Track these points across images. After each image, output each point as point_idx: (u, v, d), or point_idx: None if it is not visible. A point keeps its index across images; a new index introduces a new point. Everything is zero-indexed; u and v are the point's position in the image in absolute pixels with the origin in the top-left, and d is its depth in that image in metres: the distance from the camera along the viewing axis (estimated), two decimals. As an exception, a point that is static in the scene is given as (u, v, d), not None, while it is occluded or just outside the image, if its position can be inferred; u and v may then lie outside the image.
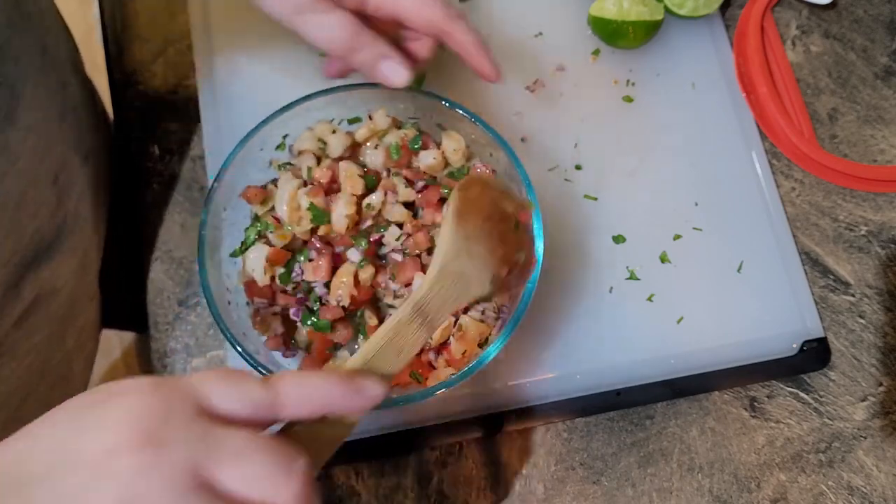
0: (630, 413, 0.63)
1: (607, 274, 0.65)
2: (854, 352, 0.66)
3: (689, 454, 0.63)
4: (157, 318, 0.64)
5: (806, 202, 0.70)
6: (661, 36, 0.73)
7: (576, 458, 0.62)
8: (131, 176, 0.67)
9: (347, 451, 0.60)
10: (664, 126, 0.70)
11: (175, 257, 0.65)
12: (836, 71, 0.74)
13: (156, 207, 0.67)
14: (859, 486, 0.62)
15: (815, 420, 0.64)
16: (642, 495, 0.61)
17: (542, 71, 0.71)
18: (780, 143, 0.71)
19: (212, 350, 0.63)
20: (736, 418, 0.64)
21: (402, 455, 0.61)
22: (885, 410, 0.64)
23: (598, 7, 0.70)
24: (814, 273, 0.68)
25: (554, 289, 0.64)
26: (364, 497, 0.60)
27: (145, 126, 0.68)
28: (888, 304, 0.67)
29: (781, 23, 0.75)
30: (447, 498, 0.60)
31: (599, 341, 0.63)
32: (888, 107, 0.73)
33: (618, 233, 0.66)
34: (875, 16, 0.76)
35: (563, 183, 0.68)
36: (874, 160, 0.71)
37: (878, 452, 0.63)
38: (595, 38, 0.72)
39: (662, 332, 0.64)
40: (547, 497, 0.61)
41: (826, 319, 0.66)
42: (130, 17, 0.71)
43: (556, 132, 0.69)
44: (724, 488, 0.62)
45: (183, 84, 0.70)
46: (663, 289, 0.65)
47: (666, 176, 0.69)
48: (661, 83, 0.71)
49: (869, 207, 0.70)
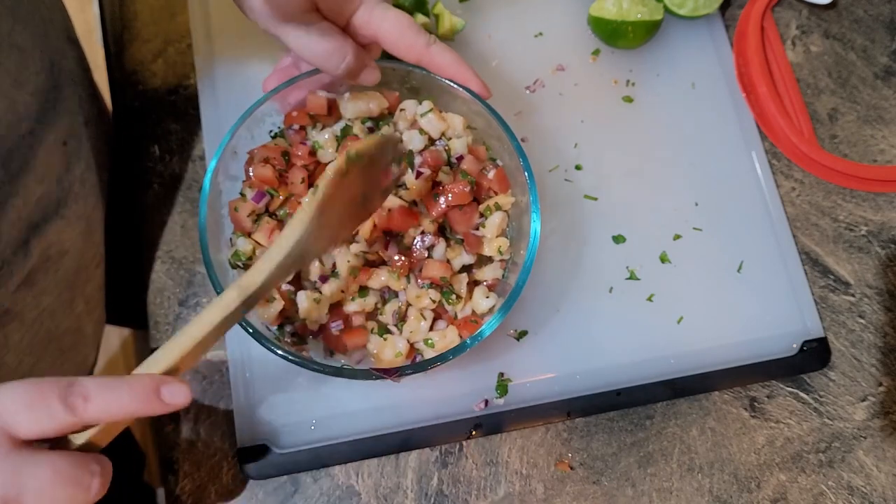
0: (630, 413, 0.63)
1: (607, 274, 0.65)
2: (854, 352, 0.66)
3: (689, 454, 0.63)
4: (157, 317, 0.64)
5: (806, 202, 0.70)
6: (661, 36, 0.73)
7: (576, 458, 0.62)
8: (131, 176, 0.68)
9: (347, 451, 0.60)
10: (664, 126, 0.70)
11: (175, 257, 0.65)
12: (836, 71, 0.74)
13: (156, 208, 0.67)
14: (859, 486, 0.62)
15: (815, 420, 0.64)
16: (642, 495, 0.61)
17: (542, 71, 0.71)
18: (780, 143, 0.71)
19: (211, 350, 0.63)
20: (736, 418, 0.64)
21: (402, 455, 0.61)
22: (885, 410, 0.64)
23: (597, 7, 0.70)
24: (814, 273, 0.68)
25: (554, 289, 0.64)
26: (364, 497, 0.60)
27: (145, 126, 0.68)
28: (888, 304, 0.67)
29: (781, 23, 0.75)
30: (447, 498, 0.60)
31: (599, 341, 0.64)
32: (888, 107, 0.73)
33: (618, 233, 0.66)
34: (875, 16, 0.76)
35: (563, 183, 0.68)
36: (874, 160, 0.71)
37: (878, 452, 0.63)
38: (595, 38, 0.72)
39: (662, 332, 0.64)
40: (547, 497, 0.61)
41: (826, 319, 0.66)
42: (130, 17, 0.71)
43: (556, 132, 0.69)
44: (724, 488, 0.62)
45: (183, 84, 0.70)
46: (663, 289, 0.65)
47: (666, 176, 0.69)
48: (661, 83, 0.71)
49: (869, 207, 0.70)
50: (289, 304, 0.56)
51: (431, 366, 0.53)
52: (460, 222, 0.58)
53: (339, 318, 0.57)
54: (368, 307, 0.57)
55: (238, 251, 0.57)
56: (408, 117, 0.61)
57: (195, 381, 0.62)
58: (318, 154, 0.59)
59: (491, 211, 0.59)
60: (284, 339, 0.57)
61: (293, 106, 0.60)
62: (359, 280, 0.56)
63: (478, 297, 0.57)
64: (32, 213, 0.54)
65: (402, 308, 0.57)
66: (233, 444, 0.60)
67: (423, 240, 0.57)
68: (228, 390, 0.61)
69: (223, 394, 0.62)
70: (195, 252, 0.65)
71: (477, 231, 0.59)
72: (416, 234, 0.57)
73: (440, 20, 0.70)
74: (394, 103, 0.61)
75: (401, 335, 0.57)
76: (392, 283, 0.56)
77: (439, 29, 0.70)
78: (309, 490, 0.60)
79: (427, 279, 0.57)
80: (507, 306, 0.55)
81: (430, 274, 0.57)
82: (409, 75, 0.60)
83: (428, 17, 0.70)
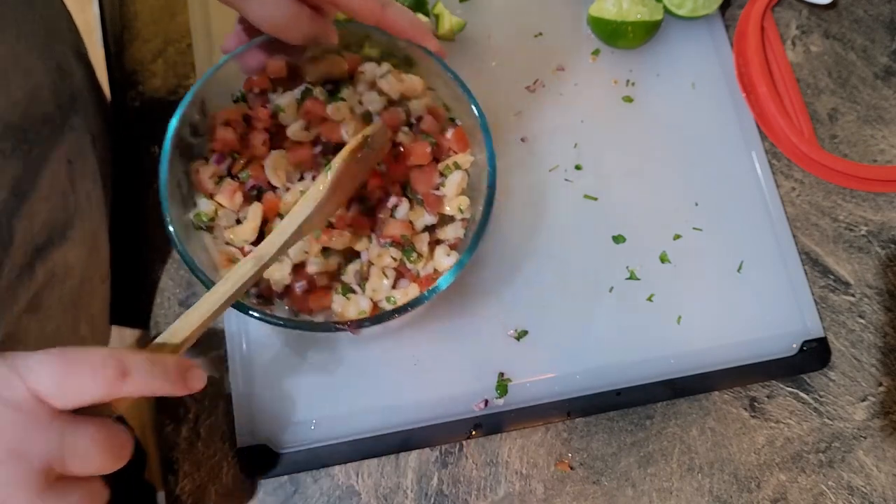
0: (630, 413, 0.63)
1: (607, 274, 0.65)
2: (854, 352, 0.66)
3: (689, 454, 0.63)
4: (157, 318, 0.64)
5: (806, 202, 0.70)
6: (661, 36, 0.73)
7: (576, 458, 0.62)
8: (131, 176, 0.67)
9: (347, 451, 0.60)
10: (664, 126, 0.70)
11: (176, 258, 0.65)
12: (836, 71, 0.74)
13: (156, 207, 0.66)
14: (859, 486, 0.62)
15: (815, 420, 0.64)
16: (642, 495, 0.61)
17: (542, 71, 0.71)
18: (780, 143, 0.71)
19: (212, 350, 0.63)
20: (736, 418, 0.64)
21: (402, 455, 0.61)
22: (885, 410, 0.64)
23: (597, 7, 0.70)
24: (814, 273, 0.68)
25: (554, 288, 0.64)
26: (364, 497, 0.60)
27: (145, 126, 0.68)
28: (888, 304, 0.67)
29: (781, 23, 0.75)
30: (447, 498, 0.60)
31: (599, 341, 0.64)
32: (888, 107, 0.73)
33: (618, 233, 0.66)
34: (875, 16, 0.76)
35: (563, 183, 0.68)
36: (874, 160, 0.71)
37: (878, 452, 0.63)
38: (595, 38, 0.72)
39: (662, 331, 0.64)
40: (547, 497, 0.61)
41: (826, 319, 0.66)
42: (130, 17, 0.71)
43: (556, 132, 0.69)
44: (724, 488, 0.62)
45: (183, 84, 0.70)
46: (663, 289, 0.65)
47: (666, 176, 0.69)
48: (661, 83, 0.71)
49: (869, 207, 0.70)
50: None
51: (389, 318, 0.54)
52: (421, 182, 0.59)
53: (302, 278, 0.57)
54: (331, 267, 0.58)
55: (200, 212, 0.58)
56: (367, 79, 0.61)
57: (195, 381, 0.62)
58: (280, 117, 0.59)
59: (451, 170, 0.59)
60: (251, 301, 0.57)
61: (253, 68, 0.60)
62: (321, 241, 0.57)
63: (439, 256, 0.58)
64: (38, 234, 0.54)
65: (363, 267, 0.58)
66: (233, 444, 0.60)
67: (388, 200, 0.58)
68: (229, 390, 0.61)
69: (223, 394, 0.62)
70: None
71: (437, 191, 0.59)
72: (379, 195, 0.58)
73: (440, 20, 0.70)
74: (354, 66, 0.62)
75: (363, 294, 0.57)
76: (353, 244, 0.57)
77: (439, 29, 0.70)
78: (309, 490, 0.60)
79: (388, 238, 0.58)
80: (462, 262, 0.56)
81: (391, 233, 0.57)
82: (369, 37, 0.61)
83: (428, 17, 0.70)
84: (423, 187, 0.59)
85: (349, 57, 0.62)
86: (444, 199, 0.59)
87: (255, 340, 0.62)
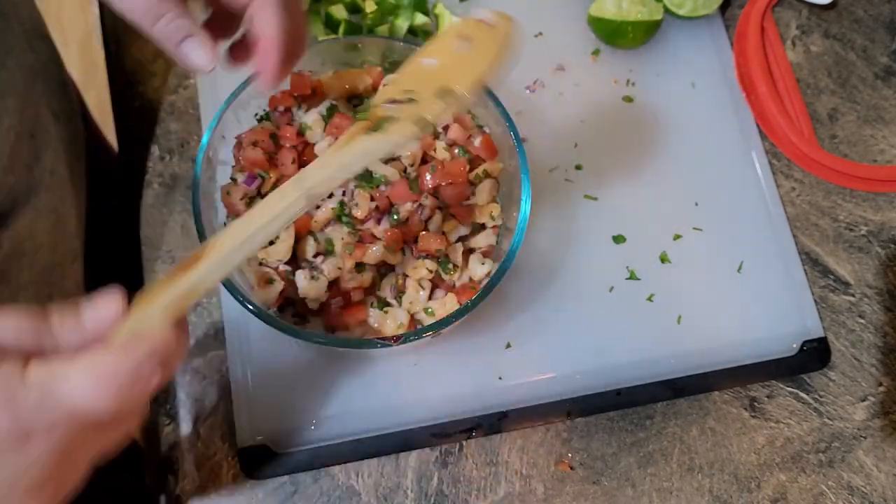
0: (630, 413, 0.63)
1: (607, 274, 0.65)
2: (854, 352, 0.66)
3: (689, 454, 0.63)
4: (157, 318, 0.64)
5: (806, 202, 0.70)
6: (661, 36, 0.73)
7: (576, 458, 0.62)
8: (131, 176, 0.67)
9: (347, 451, 0.60)
10: (664, 126, 0.70)
11: (175, 258, 0.65)
12: (836, 71, 0.74)
13: (156, 208, 0.67)
14: (859, 486, 0.62)
15: (815, 420, 0.64)
16: (642, 495, 0.61)
17: (542, 71, 0.71)
18: (780, 143, 0.71)
19: (212, 350, 0.63)
20: (736, 418, 0.64)
21: (402, 455, 0.61)
22: (885, 410, 0.64)
23: (597, 7, 0.70)
24: (814, 273, 0.68)
25: (554, 288, 0.64)
26: (364, 497, 0.60)
27: (145, 126, 0.68)
28: (888, 304, 0.67)
29: (781, 23, 0.75)
30: (447, 498, 0.60)
31: (599, 341, 0.64)
32: (888, 107, 0.73)
33: (618, 233, 0.66)
34: (875, 16, 0.76)
35: (563, 183, 0.68)
36: (874, 160, 0.71)
37: (878, 452, 0.63)
38: (595, 38, 0.72)
39: (662, 332, 0.64)
40: (547, 497, 0.61)
41: (826, 319, 0.66)
42: (130, 17, 0.71)
43: (556, 132, 0.69)
44: (724, 488, 0.62)
45: (183, 84, 0.70)
46: (663, 289, 0.65)
47: (666, 176, 0.69)
48: (661, 83, 0.71)
49: (869, 207, 0.70)
50: (288, 285, 0.57)
51: (433, 331, 0.54)
52: (452, 197, 0.58)
53: (338, 295, 0.57)
54: (365, 282, 0.57)
55: None
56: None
57: (195, 381, 0.62)
58: (307, 135, 0.59)
59: (480, 179, 0.59)
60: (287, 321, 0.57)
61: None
62: (354, 256, 0.57)
63: (474, 265, 0.58)
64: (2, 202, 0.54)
65: (398, 280, 0.58)
66: (233, 444, 0.60)
67: (421, 212, 0.58)
68: (228, 391, 0.61)
69: (223, 394, 0.62)
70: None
71: (468, 201, 0.59)
72: (411, 208, 0.58)
73: (440, 20, 0.70)
74: (377, 79, 0.61)
75: (400, 307, 0.57)
76: (387, 258, 0.57)
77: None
78: (309, 490, 0.60)
79: (423, 252, 0.57)
80: (503, 269, 0.55)
81: (426, 247, 0.57)
82: (389, 49, 0.60)
83: (428, 17, 0.70)
84: (454, 201, 0.58)
85: (371, 70, 0.61)
86: (476, 207, 0.59)
87: (255, 341, 0.62)
